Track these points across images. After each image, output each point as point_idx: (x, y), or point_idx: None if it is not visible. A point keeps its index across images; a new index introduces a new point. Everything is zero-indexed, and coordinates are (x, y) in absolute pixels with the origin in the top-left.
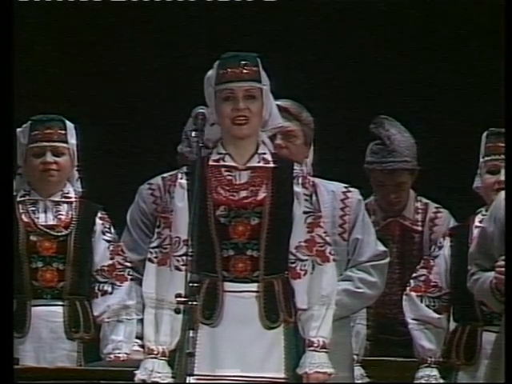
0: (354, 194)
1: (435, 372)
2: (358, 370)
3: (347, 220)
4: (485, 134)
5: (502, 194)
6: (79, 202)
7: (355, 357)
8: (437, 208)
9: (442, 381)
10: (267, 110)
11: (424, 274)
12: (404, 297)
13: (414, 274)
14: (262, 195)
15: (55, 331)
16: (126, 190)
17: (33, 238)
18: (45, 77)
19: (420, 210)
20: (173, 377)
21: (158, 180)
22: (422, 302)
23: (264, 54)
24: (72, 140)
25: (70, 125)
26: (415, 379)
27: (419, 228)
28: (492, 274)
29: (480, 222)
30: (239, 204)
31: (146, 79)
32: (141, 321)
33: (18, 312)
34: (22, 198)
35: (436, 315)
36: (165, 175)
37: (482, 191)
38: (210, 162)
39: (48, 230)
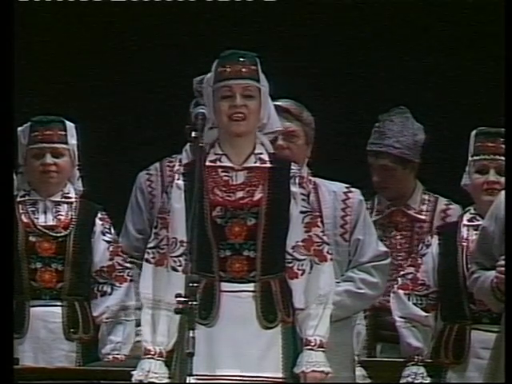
0: (356, 194)
1: (422, 370)
2: (360, 371)
3: (348, 220)
4: (473, 132)
5: (503, 193)
6: (79, 202)
7: (356, 357)
8: (448, 201)
9: (428, 379)
10: (266, 112)
11: (411, 272)
12: (391, 295)
13: (402, 272)
14: (258, 196)
15: (54, 332)
16: (127, 191)
17: (32, 238)
18: (45, 76)
19: (426, 201)
20: (169, 377)
21: (155, 165)
22: (409, 300)
23: (264, 54)
24: (72, 140)
25: (70, 125)
26: (402, 377)
27: (423, 217)
28: (492, 273)
29: (469, 220)
30: (235, 205)
31: (147, 79)
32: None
33: (17, 312)
34: (22, 199)
35: (423, 313)
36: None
37: (471, 190)
38: (207, 163)
39: (47, 231)
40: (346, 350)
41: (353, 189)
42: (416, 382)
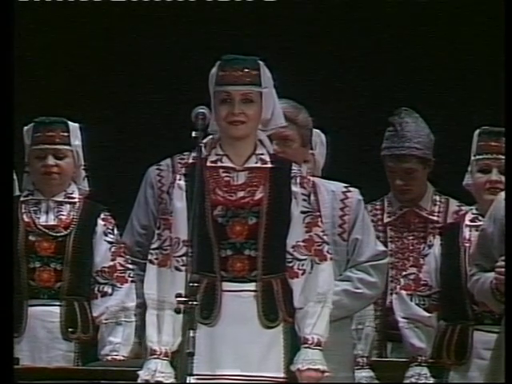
0: (354, 193)
1: (425, 370)
2: (368, 373)
3: (347, 220)
4: (477, 132)
5: (502, 194)
6: (83, 202)
7: (365, 359)
8: (459, 202)
9: (432, 379)
10: (269, 111)
11: (414, 273)
12: (394, 295)
13: (404, 273)
14: (259, 195)
15: (51, 331)
16: (132, 192)
17: (31, 237)
18: (45, 77)
19: (438, 203)
20: (175, 377)
21: (167, 161)
22: (412, 300)
23: (264, 54)
24: (76, 141)
25: (73, 126)
26: (405, 378)
27: (435, 218)
28: (492, 274)
29: (471, 220)
30: (237, 204)
31: (148, 79)
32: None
33: (15, 312)
34: (26, 198)
35: (426, 314)
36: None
37: (473, 189)
38: (208, 163)
39: (47, 230)
40: (344, 349)
41: (351, 188)
42: (419, 382)
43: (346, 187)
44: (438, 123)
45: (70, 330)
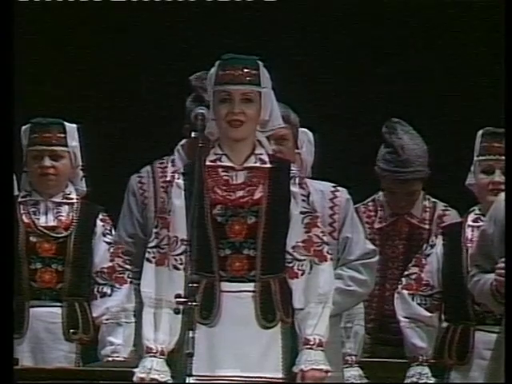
0: (343, 193)
1: (426, 370)
2: (357, 371)
3: (337, 219)
4: (480, 132)
5: (502, 195)
6: (81, 203)
7: (354, 357)
8: (445, 207)
9: (433, 379)
10: (267, 111)
11: (415, 273)
12: (396, 295)
13: (406, 272)
14: (258, 195)
15: (53, 332)
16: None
17: (32, 238)
18: (45, 77)
19: (428, 209)
20: (171, 376)
21: (147, 168)
22: (413, 300)
23: (264, 55)
24: (73, 142)
25: (70, 127)
26: (406, 377)
27: (426, 226)
28: (492, 275)
29: (473, 220)
30: (236, 203)
31: (146, 80)
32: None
33: (17, 313)
34: (24, 199)
35: (427, 313)
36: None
37: (476, 190)
38: (207, 163)
39: (48, 232)
40: (334, 348)
41: (340, 188)
42: (420, 382)
43: (334, 187)
44: (437, 125)
45: (71, 330)
